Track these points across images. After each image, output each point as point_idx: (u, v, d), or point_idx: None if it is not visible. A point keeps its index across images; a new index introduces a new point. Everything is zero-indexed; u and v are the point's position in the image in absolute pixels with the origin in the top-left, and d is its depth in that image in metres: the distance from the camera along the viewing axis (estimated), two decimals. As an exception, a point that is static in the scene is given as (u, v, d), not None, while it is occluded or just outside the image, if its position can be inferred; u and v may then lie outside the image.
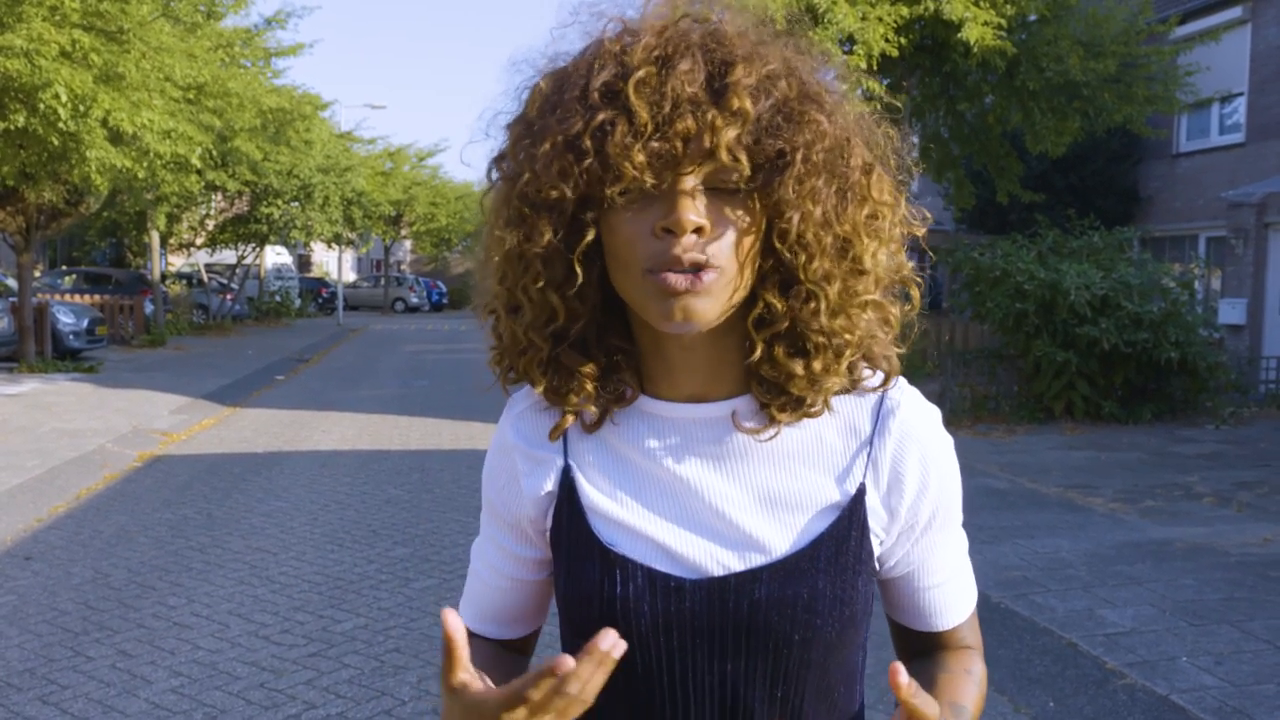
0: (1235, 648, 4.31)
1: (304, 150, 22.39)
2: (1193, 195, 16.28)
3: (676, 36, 0.88)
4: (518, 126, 0.93)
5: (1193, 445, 9.73)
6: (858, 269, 0.92)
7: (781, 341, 0.92)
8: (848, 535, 0.96)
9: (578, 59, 0.91)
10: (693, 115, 0.84)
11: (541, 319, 0.93)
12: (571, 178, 0.87)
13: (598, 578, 0.96)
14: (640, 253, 0.87)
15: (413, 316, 40.32)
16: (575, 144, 0.86)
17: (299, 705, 3.89)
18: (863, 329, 0.93)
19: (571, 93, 0.88)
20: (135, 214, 22.95)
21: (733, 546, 0.95)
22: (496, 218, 0.95)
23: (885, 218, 0.93)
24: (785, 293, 0.91)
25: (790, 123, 0.87)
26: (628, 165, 0.84)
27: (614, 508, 0.97)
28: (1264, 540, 6.05)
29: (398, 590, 5.28)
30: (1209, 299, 14.85)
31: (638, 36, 0.89)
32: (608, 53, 0.89)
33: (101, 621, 4.80)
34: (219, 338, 22.90)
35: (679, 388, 0.97)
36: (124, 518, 6.81)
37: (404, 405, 12.78)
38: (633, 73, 0.86)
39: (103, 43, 10.91)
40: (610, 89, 0.86)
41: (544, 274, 0.91)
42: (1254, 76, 15.08)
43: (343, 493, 7.64)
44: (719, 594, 0.94)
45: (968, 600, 1.07)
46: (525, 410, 1.04)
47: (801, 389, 0.93)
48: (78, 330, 16.32)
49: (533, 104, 0.92)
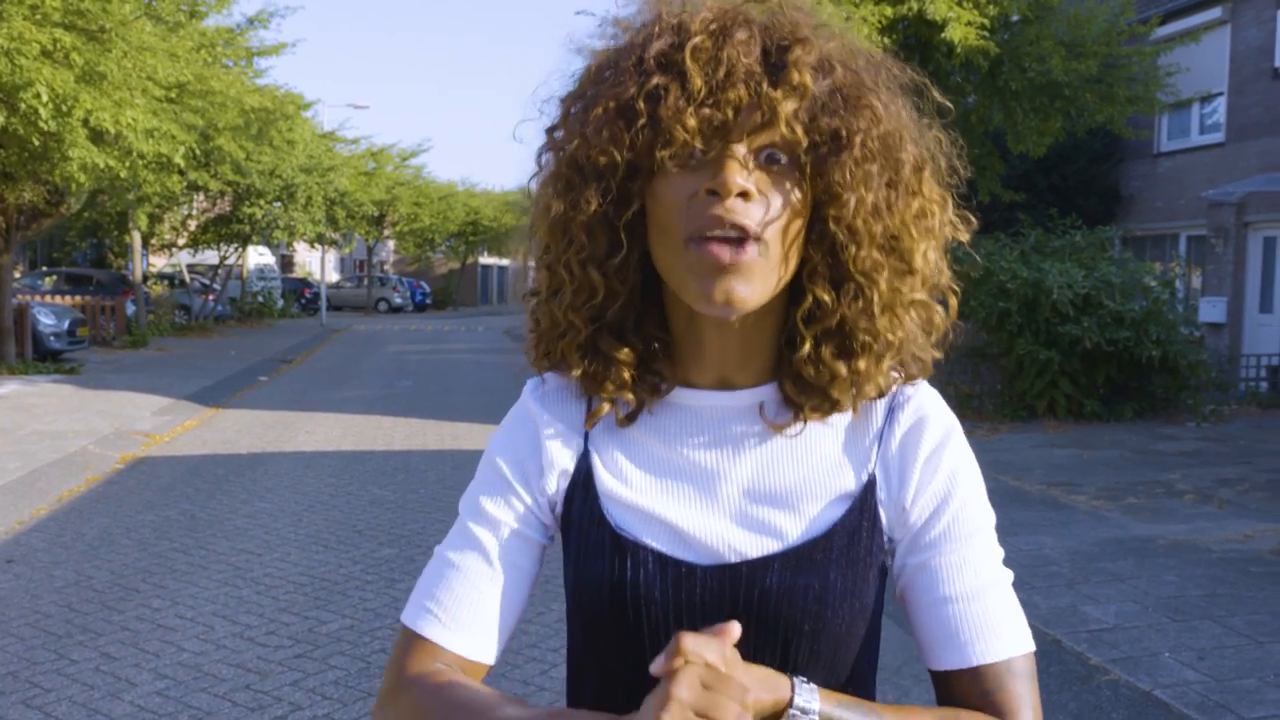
0: (1217, 643, 4.35)
1: (287, 150, 22.28)
2: (1173, 195, 16.40)
3: (735, 12, 0.88)
4: (571, 98, 0.93)
5: (1174, 443, 9.81)
6: (906, 266, 0.91)
7: (829, 340, 0.91)
8: (859, 526, 0.95)
9: (635, 31, 0.92)
10: (745, 85, 0.84)
11: (581, 297, 0.92)
12: (622, 142, 0.87)
13: (609, 562, 0.95)
14: (684, 217, 0.86)
15: (396, 317, 40.20)
16: (628, 108, 0.86)
17: (285, 707, 3.88)
18: (906, 330, 0.93)
19: (627, 61, 0.89)
20: (116, 214, 22.79)
21: (746, 533, 0.94)
22: (545, 184, 0.94)
23: (935, 216, 0.93)
24: (836, 288, 0.90)
25: (848, 105, 0.87)
26: (679, 129, 0.84)
27: (628, 492, 0.96)
28: (1244, 536, 6.11)
29: (383, 591, 5.27)
30: (1189, 297, 14.98)
31: (697, 9, 0.89)
32: (665, 23, 0.89)
33: (85, 624, 4.77)
34: (201, 339, 22.77)
35: (706, 373, 0.97)
36: (106, 520, 6.77)
37: (388, 406, 12.75)
38: (689, 40, 0.86)
39: (84, 42, 10.84)
40: (666, 56, 0.86)
41: (587, 246, 0.91)
42: (1233, 77, 15.21)
43: (327, 493, 7.61)
44: (730, 580, 0.93)
45: (1011, 637, 0.96)
46: (552, 389, 1.02)
47: (841, 391, 0.92)
48: (59, 331, 16.20)
49: (587, 75, 0.92)
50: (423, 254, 46.33)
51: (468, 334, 28.80)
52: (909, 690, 4.05)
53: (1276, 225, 14.31)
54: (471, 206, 43.23)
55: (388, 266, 55.54)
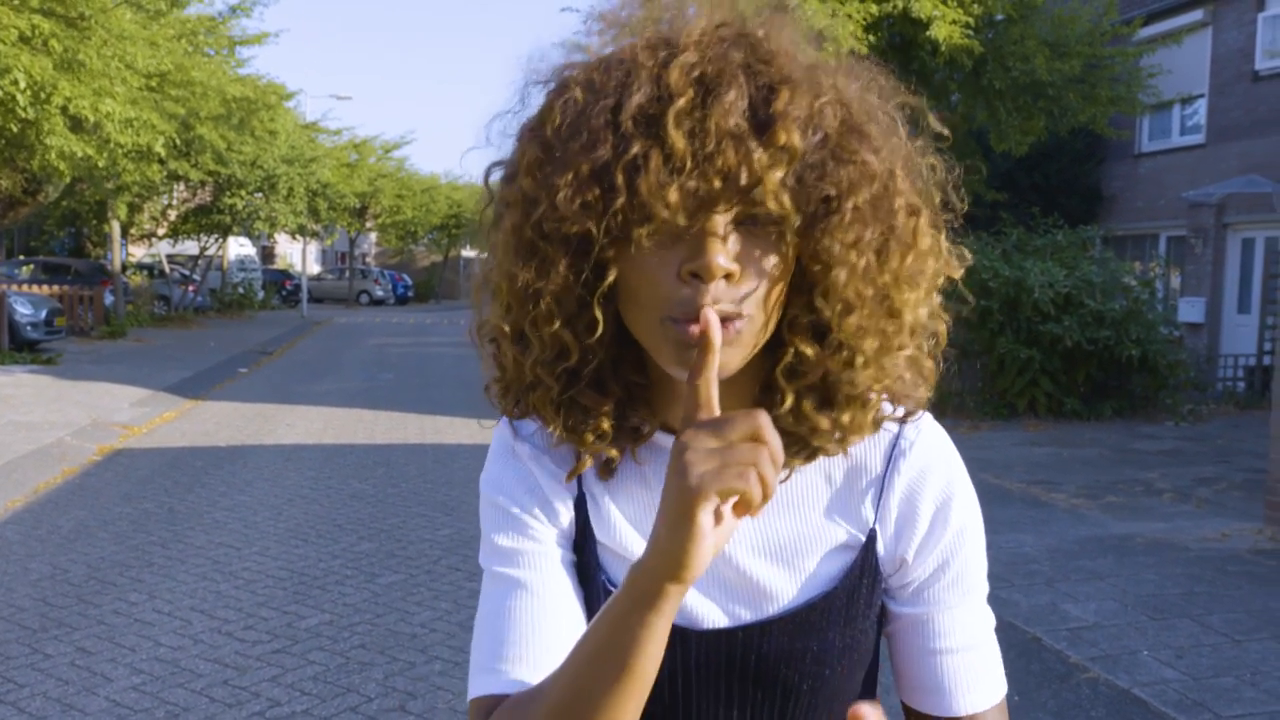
0: (1195, 641, 4.38)
1: (268, 140, 22.14)
2: (1154, 195, 16.51)
3: (719, 54, 0.79)
4: (533, 145, 0.82)
5: (1153, 442, 9.87)
6: (895, 324, 0.85)
7: (810, 394, 0.85)
8: (859, 585, 0.91)
9: (605, 71, 0.81)
10: (734, 150, 0.76)
11: (551, 357, 0.84)
12: (594, 213, 0.78)
13: None
14: (663, 296, 0.79)
15: (378, 309, 40.04)
16: (603, 175, 0.77)
17: (263, 702, 3.84)
18: (892, 378, 0.87)
19: (600, 114, 0.78)
20: (95, 203, 22.60)
21: (741, 597, 0.90)
22: (505, 247, 0.84)
23: (927, 263, 0.86)
24: (819, 341, 0.83)
25: (839, 163, 0.79)
26: (660, 205, 0.76)
27: (619, 546, 0.91)
28: (1222, 535, 6.15)
29: (363, 585, 5.24)
30: (1169, 297, 15.09)
31: (674, 49, 0.79)
32: (643, 69, 0.79)
33: (60, 618, 4.72)
34: (181, 330, 22.60)
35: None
36: (83, 512, 6.70)
37: (369, 399, 12.68)
38: (671, 100, 0.76)
39: (63, 29, 10.72)
40: (645, 114, 0.77)
41: (558, 313, 0.82)
42: (1214, 79, 15.31)
43: (307, 487, 7.56)
44: (725, 646, 0.90)
45: (991, 687, 0.96)
46: (535, 431, 0.94)
47: (824, 440, 0.87)
48: (35, 321, 16.03)
49: (552, 119, 0.81)
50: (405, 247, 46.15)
51: (450, 327, 28.70)
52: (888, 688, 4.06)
53: (1255, 227, 14.43)
54: (454, 199, 43.08)
55: (369, 259, 55.29)
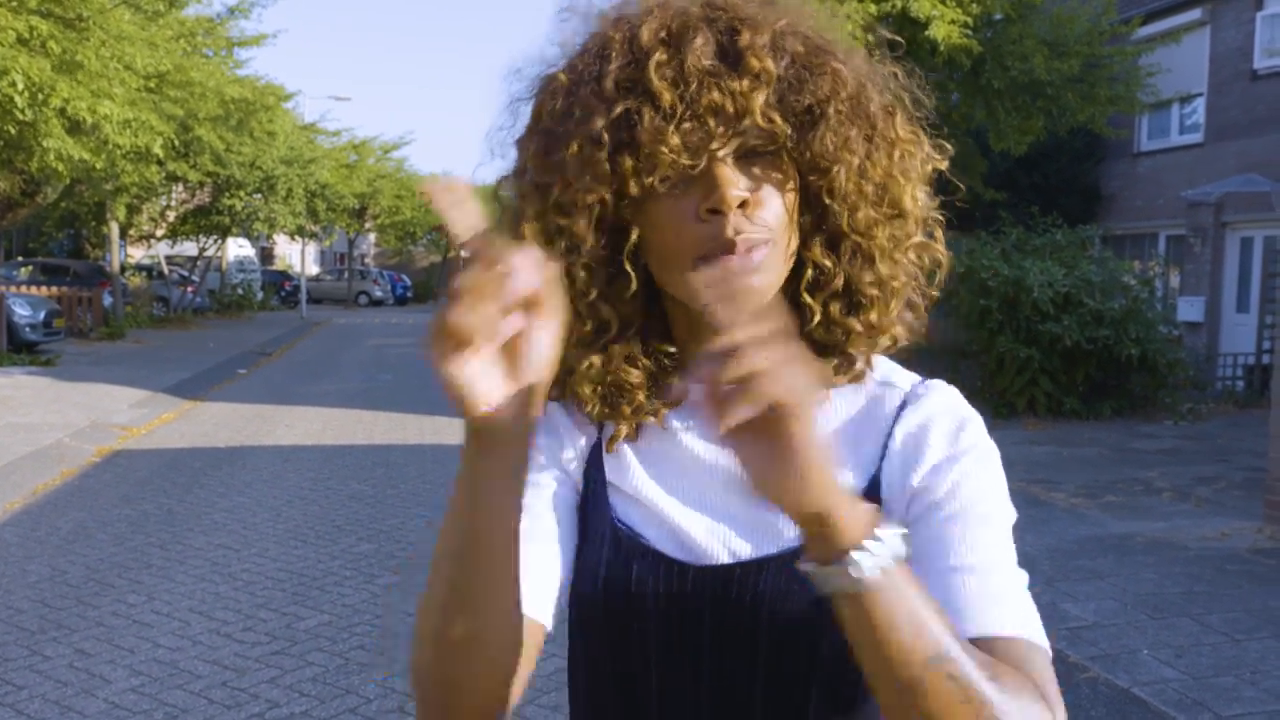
0: (1195, 640, 4.38)
1: (267, 141, 22.13)
2: (1153, 194, 16.51)
3: (678, 11, 0.85)
4: (534, 138, 0.88)
5: (1152, 441, 9.87)
6: (897, 213, 0.90)
7: (837, 301, 0.90)
8: None
9: (581, 54, 0.88)
10: (717, 87, 0.82)
11: (592, 332, 0.89)
12: (605, 176, 0.84)
13: (605, 553, 0.92)
14: (688, 240, 0.84)
15: (377, 310, 40.02)
16: (602, 139, 0.83)
17: (262, 704, 3.84)
18: (907, 274, 0.92)
19: (584, 90, 0.85)
20: (94, 205, 22.56)
21: (745, 533, 0.91)
22: (533, 238, 0.87)
23: (914, 155, 0.91)
24: (834, 250, 0.89)
25: (812, 75, 0.86)
26: (663, 150, 0.81)
27: (631, 486, 0.94)
28: (1222, 534, 6.15)
29: (362, 586, 5.23)
30: (1168, 296, 15.08)
31: (639, 20, 0.86)
32: (613, 41, 0.85)
33: (59, 620, 4.71)
34: (180, 331, 22.59)
35: None
36: (82, 514, 6.70)
37: (368, 399, 12.68)
38: (648, 57, 0.83)
39: (61, 30, 10.71)
40: (628, 79, 0.83)
41: (593, 283, 0.88)
42: (1213, 78, 15.31)
43: (306, 488, 7.56)
44: (723, 581, 0.90)
45: (1018, 617, 0.84)
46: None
47: (859, 346, 0.91)
48: (34, 323, 16.02)
49: (544, 110, 0.88)
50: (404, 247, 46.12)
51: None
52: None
53: (1254, 226, 14.43)
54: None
55: (368, 259, 55.27)
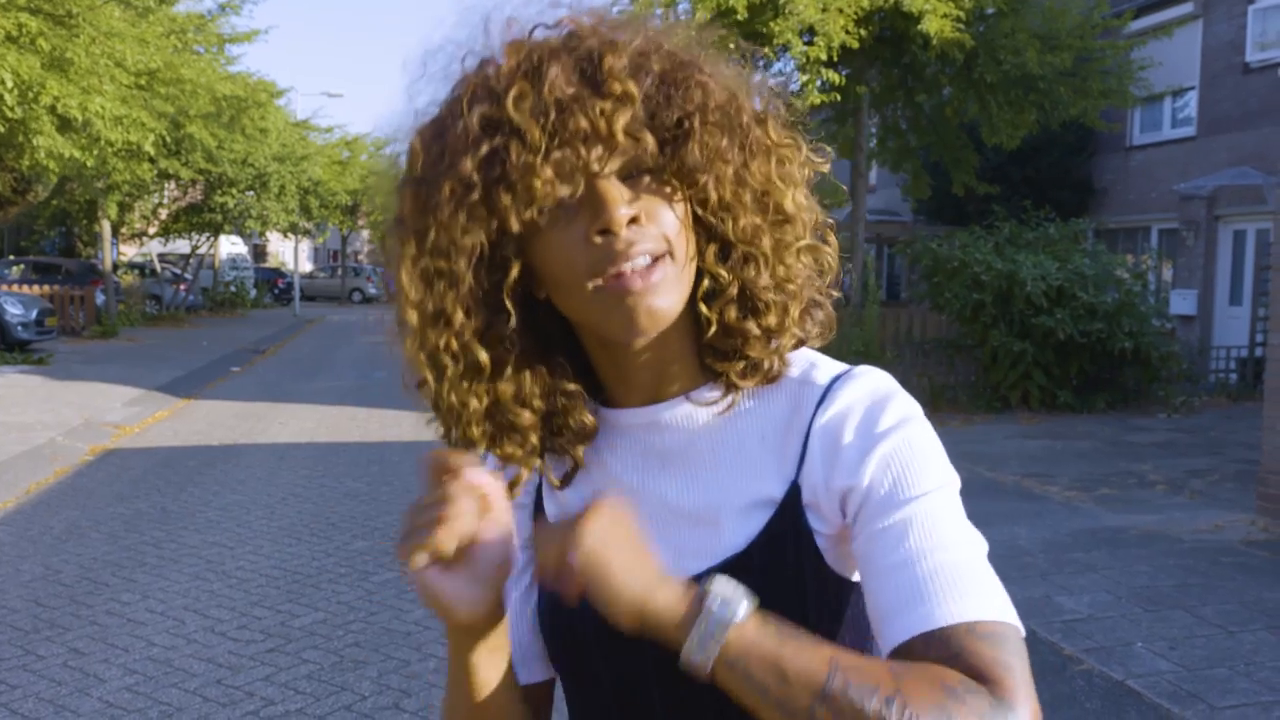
0: (1189, 632, 4.39)
1: (259, 138, 22.06)
2: (1145, 188, 16.54)
3: (535, 47, 0.84)
4: (408, 187, 0.87)
5: (1145, 434, 9.90)
6: (782, 218, 0.90)
7: (733, 307, 0.89)
8: (789, 528, 0.89)
9: (447, 103, 0.86)
10: (581, 112, 0.81)
11: (469, 376, 0.89)
12: (480, 216, 0.82)
13: (545, 598, 0.95)
14: (581, 265, 0.83)
15: (370, 307, 39.94)
16: (473, 180, 0.81)
17: (257, 702, 3.83)
18: (803, 276, 0.92)
19: (452, 134, 0.83)
20: (85, 202, 22.52)
21: (671, 553, 0.89)
22: (410, 284, 0.87)
23: (792, 161, 0.91)
24: (725, 260, 0.89)
25: (678, 90, 0.85)
26: (537, 182, 0.80)
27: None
28: (1215, 526, 6.17)
29: (357, 584, 5.23)
30: (1161, 290, 15.11)
31: (498, 62, 0.85)
32: (474, 85, 0.84)
33: (52, 619, 4.70)
34: (173, 329, 22.54)
35: (633, 393, 0.93)
36: (75, 513, 6.68)
37: (362, 397, 12.66)
38: (505, 92, 0.81)
39: (50, 27, 10.67)
40: (489, 116, 0.82)
41: (468, 324, 0.87)
42: (1205, 71, 15.34)
43: (300, 486, 7.55)
44: None
45: (977, 597, 0.79)
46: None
47: (758, 350, 0.90)
48: (26, 321, 15.97)
49: (415, 160, 0.87)
50: (397, 244, 45.99)
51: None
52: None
53: (1246, 219, 14.46)
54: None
55: (362, 257, 55.17)
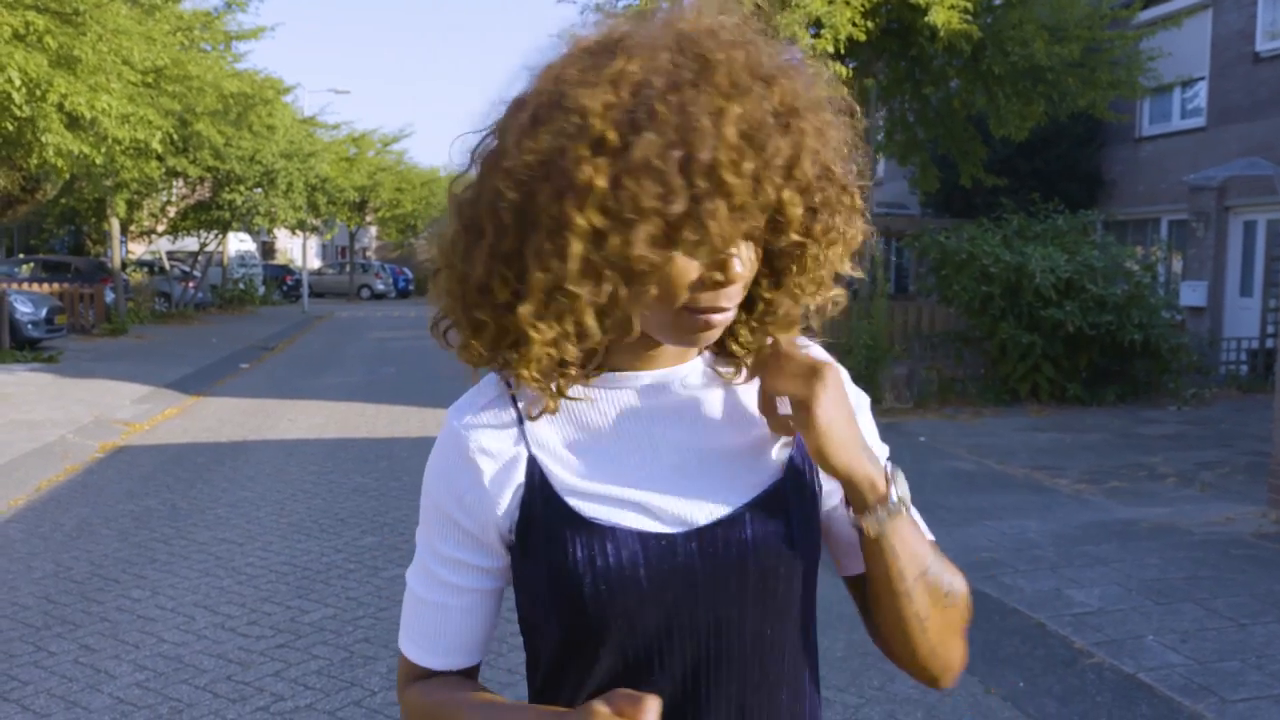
0: (1200, 625, 4.37)
1: (267, 135, 22.09)
2: (1155, 179, 16.45)
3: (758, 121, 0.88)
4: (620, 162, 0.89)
5: (1156, 426, 9.86)
6: (827, 272, 1.01)
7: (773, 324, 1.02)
8: (803, 470, 1.05)
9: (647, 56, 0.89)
10: (772, 188, 0.90)
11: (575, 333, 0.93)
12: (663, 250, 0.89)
13: (586, 553, 0.97)
14: (684, 288, 0.92)
15: (379, 303, 40.03)
16: (679, 227, 0.88)
17: (267, 697, 3.84)
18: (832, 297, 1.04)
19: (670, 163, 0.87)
20: (94, 201, 22.56)
21: (711, 495, 1.00)
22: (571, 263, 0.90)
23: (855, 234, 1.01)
24: (777, 287, 1.00)
25: (825, 184, 0.95)
26: (720, 240, 0.88)
27: (588, 483, 1.00)
28: (1226, 519, 6.14)
29: (366, 580, 5.24)
30: (1171, 281, 15.05)
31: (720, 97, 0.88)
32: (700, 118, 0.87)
33: (63, 616, 4.71)
34: (182, 326, 22.60)
35: (637, 362, 1.02)
36: (86, 510, 6.70)
37: (371, 393, 12.68)
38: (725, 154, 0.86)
39: (57, 25, 10.69)
40: (708, 169, 0.86)
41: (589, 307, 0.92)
42: (1215, 61, 15.24)
43: (309, 482, 7.56)
44: (709, 540, 0.99)
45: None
46: (474, 410, 1.04)
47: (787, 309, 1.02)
48: (36, 320, 16.02)
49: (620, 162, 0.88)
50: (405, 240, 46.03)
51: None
52: (894, 674, 4.06)
53: (1257, 209, 14.38)
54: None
55: (370, 253, 55.24)
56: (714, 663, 1.00)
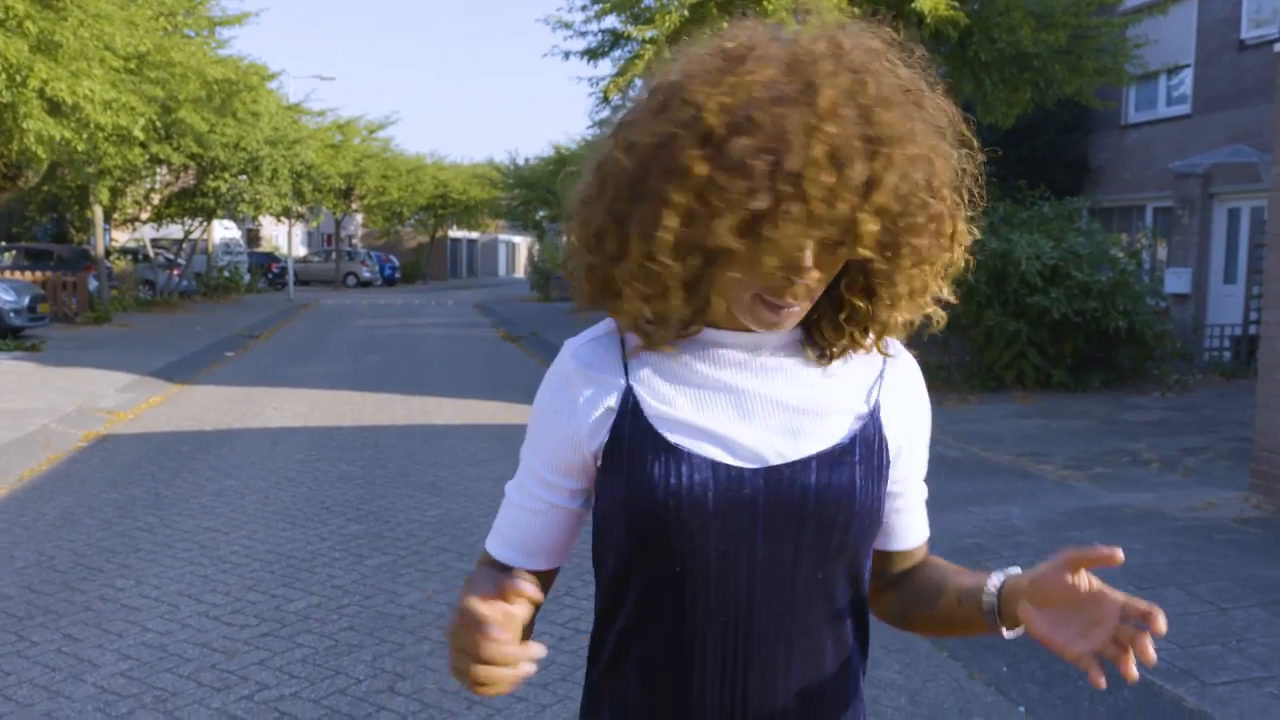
0: (1182, 610, 4.40)
1: (251, 122, 21.95)
2: (1140, 166, 16.50)
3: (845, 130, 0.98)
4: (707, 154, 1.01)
5: (1140, 412, 9.91)
6: (926, 290, 1.13)
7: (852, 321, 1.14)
8: (874, 435, 1.17)
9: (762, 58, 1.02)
10: (846, 205, 0.99)
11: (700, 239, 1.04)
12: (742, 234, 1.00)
13: (663, 471, 1.09)
14: (759, 276, 1.04)
15: (365, 291, 39.89)
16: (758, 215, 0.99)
17: (251, 686, 3.83)
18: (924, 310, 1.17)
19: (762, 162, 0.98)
20: (77, 188, 22.39)
21: (785, 439, 1.12)
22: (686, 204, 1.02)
23: (958, 250, 1.13)
24: (869, 296, 1.12)
25: (909, 210, 1.03)
26: (792, 249, 1.00)
27: (676, 412, 1.13)
28: (1209, 504, 6.18)
29: (351, 568, 5.22)
30: (1155, 268, 15.11)
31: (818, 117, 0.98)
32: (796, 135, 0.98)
33: (46, 605, 4.69)
34: (166, 314, 22.47)
35: (740, 328, 1.14)
36: (69, 499, 6.67)
37: (356, 381, 12.64)
38: (810, 167, 0.97)
39: (38, 10, 10.58)
40: (792, 174, 0.97)
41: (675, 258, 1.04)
42: (1200, 49, 15.28)
43: (294, 470, 7.54)
44: (775, 479, 1.10)
45: (925, 531, 1.31)
46: (585, 343, 1.19)
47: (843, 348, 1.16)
48: (19, 308, 15.91)
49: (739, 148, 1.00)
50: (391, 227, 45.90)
51: (437, 308, 28.62)
52: (879, 660, 4.07)
53: (1241, 197, 14.44)
54: (440, 179, 42.83)
55: (356, 240, 55.02)
56: (767, 594, 1.10)
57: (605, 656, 1.19)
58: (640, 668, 1.15)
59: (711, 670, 1.11)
